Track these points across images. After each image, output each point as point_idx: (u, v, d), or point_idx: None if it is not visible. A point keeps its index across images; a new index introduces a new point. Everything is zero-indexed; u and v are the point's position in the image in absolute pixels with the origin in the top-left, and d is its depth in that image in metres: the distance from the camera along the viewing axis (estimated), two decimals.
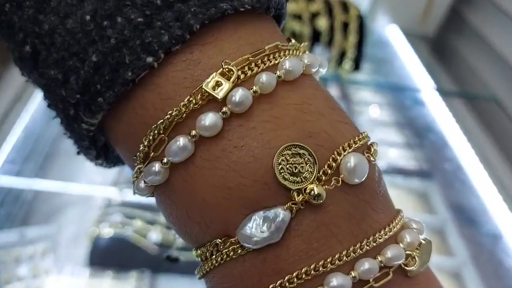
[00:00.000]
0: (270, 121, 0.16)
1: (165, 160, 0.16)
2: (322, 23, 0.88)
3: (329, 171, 0.15)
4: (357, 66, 0.92)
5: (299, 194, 0.15)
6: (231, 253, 0.16)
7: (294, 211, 0.15)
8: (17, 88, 0.84)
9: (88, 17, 0.16)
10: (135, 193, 0.18)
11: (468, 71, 1.09)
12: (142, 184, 0.17)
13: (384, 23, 1.22)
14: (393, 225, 0.16)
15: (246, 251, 0.15)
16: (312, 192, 0.15)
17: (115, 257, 0.69)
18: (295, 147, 0.15)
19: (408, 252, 0.16)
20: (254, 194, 0.15)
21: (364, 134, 0.17)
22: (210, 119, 0.15)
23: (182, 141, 0.15)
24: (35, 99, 0.85)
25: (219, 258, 0.16)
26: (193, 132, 0.15)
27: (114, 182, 0.78)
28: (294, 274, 0.15)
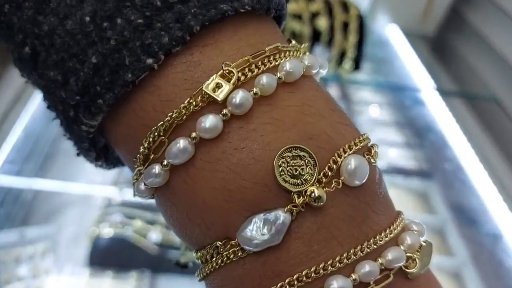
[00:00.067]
0: (270, 123, 0.15)
1: (165, 162, 0.16)
2: (322, 23, 0.88)
3: (329, 173, 0.15)
4: (357, 66, 0.92)
5: (299, 196, 0.15)
6: (232, 255, 0.15)
7: (294, 213, 0.15)
8: (17, 88, 0.84)
9: (88, 18, 0.16)
10: (135, 195, 0.18)
11: (468, 71, 1.09)
12: (142, 186, 0.17)
13: (384, 22, 1.22)
14: (393, 227, 0.16)
15: (246, 253, 0.15)
16: (312, 194, 0.15)
17: (115, 257, 0.69)
18: (295, 149, 0.15)
19: (409, 254, 0.16)
20: (255, 197, 0.15)
21: (364, 136, 0.17)
22: (210, 121, 0.15)
23: (182, 143, 0.15)
24: (35, 99, 0.85)
25: (219, 261, 0.16)
26: (193, 134, 0.15)
27: (114, 182, 0.78)
28: (295, 276, 0.15)
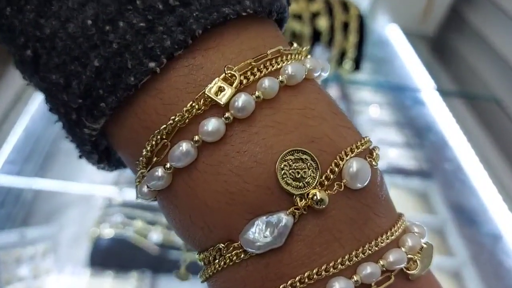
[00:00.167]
0: (272, 126, 0.16)
1: (168, 165, 0.16)
2: (322, 23, 0.88)
3: (331, 176, 0.15)
4: (357, 66, 0.92)
5: (301, 199, 0.15)
6: (234, 257, 0.16)
7: (296, 216, 0.15)
8: (17, 89, 0.84)
9: (90, 22, 0.16)
10: (138, 197, 0.18)
11: (468, 71, 1.09)
12: (145, 189, 0.17)
13: (384, 22, 1.22)
14: (395, 229, 0.16)
15: (249, 255, 0.15)
16: (314, 197, 0.15)
17: (115, 257, 0.69)
18: (297, 152, 0.15)
19: (410, 256, 0.16)
20: (257, 199, 0.15)
21: (366, 139, 0.17)
22: (213, 124, 0.15)
23: (185, 146, 0.15)
24: (35, 100, 0.85)
25: (222, 263, 0.16)
26: (196, 138, 0.15)
27: (114, 182, 0.78)
28: (297, 278, 0.15)
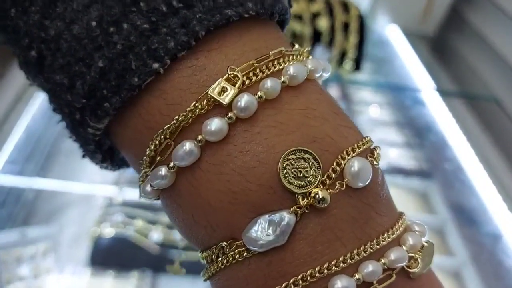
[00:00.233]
0: (275, 126, 0.16)
1: (171, 165, 0.16)
2: (322, 23, 0.88)
3: (333, 175, 0.16)
4: (357, 66, 0.92)
5: (304, 198, 0.15)
6: (237, 255, 0.16)
7: (299, 214, 0.15)
8: (18, 88, 0.85)
9: (94, 23, 0.16)
10: (141, 196, 0.18)
11: (468, 71, 1.09)
12: (148, 188, 0.17)
13: (384, 23, 1.22)
14: (396, 228, 0.16)
15: (251, 254, 0.16)
16: (316, 196, 0.15)
17: (116, 257, 0.69)
18: (299, 151, 0.15)
19: (411, 254, 0.16)
20: (260, 199, 0.15)
21: (367, 139, 0.17)
22: (216, 124, 0.15)
23: (188, 145, 0.16)
24: (36, 99, 0.85)
25: (225, 261, 0.16)
26: (199, 137, 0.16)
27: (115, 182, 0.78)
28: (299, 276, 0.15)
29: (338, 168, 0.16)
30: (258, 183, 0.15)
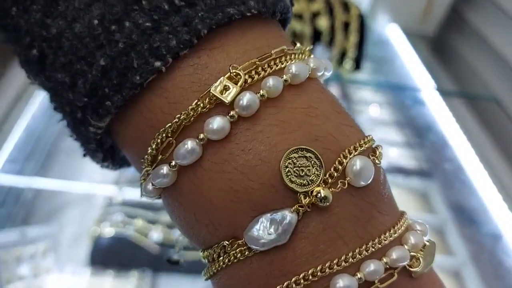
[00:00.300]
0: (277, 124, 0.16)
1: (173, 163, 0.16)
2: (323, 22, 0.88)
3: (335, 174, 0.16)
4: (357, 65, 0.92)
5: (305, 196, 0.15)
6: (239, 254, 0.16)
7: (301, 213, 0.15)
8: (18, 87, 0.85)
9: (96, 22, 0.16)
10: (142, 195, 0.18)
11: (468, 71, 1.09)
12: (150, 187, 0.17)
13: (384, 22, 1.22)
14: (397, 227, 0.16)
15: (253, 253, 0.16)
16: (318, 194, 0.15)
17: (116, 256, 0.69)
18: (301, 150, 0.15)
19: (413, 253, 0.16)
20: (261, 197, 0.15)
21: (369, 137, 0.17)
22: (218, 122, 0.15)
23: (190, 144, 0.16)
24: (36, 99, 0.85)
25: (226, 260, 0.16)
26: (201, 136, 0.16)
27: (115, 181, 0.78)
28: (301, 275, 0.15)
29: (340, 167, 0.16)
30: (260, 181, 0.15)
